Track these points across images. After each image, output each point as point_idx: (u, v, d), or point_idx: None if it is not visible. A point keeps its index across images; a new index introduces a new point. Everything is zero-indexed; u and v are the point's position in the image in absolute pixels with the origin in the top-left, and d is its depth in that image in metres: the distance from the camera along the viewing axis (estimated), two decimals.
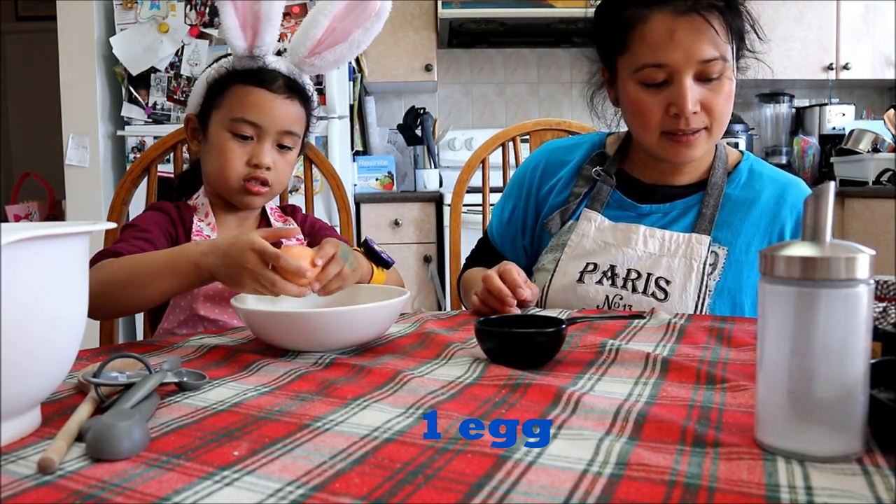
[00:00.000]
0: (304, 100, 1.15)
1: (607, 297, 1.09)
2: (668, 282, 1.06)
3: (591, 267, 1.11)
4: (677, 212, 1.12)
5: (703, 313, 1.04)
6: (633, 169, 1.18)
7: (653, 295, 1.06)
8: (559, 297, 1.12)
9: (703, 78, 1.02)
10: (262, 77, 1.10)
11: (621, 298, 1.08)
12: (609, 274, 1.09)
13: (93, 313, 0.96)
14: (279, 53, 1.16)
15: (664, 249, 1.08)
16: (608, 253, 1.10)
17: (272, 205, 1.25)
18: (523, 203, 1.26)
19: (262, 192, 1.11)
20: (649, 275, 1.07)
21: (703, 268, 1.06)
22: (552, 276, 1.13)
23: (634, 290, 1.07)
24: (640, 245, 1.09)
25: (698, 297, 1.05)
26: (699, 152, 1.07)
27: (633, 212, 1.14)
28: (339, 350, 0.80)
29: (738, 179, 1.13)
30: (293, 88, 1.12)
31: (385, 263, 1.04)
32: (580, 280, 1.10)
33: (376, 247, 1.03)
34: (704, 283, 1.05)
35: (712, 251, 1.07)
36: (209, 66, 1.16)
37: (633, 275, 1.08)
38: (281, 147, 1.12)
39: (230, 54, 1.14)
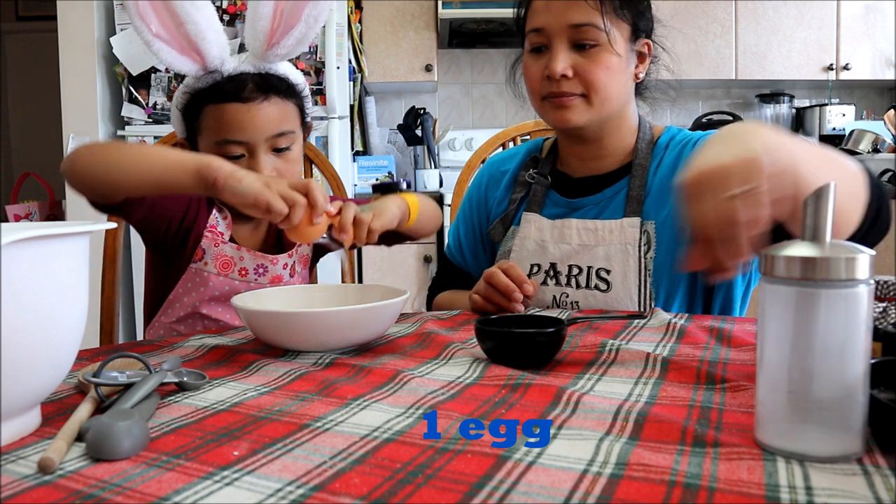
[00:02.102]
0: (284, 93, 1.08)
1: (554, 296, 1.10)
2: (608, 271, 1.07)
3: (535, 269, 1.12)
4: (607, 199, 1.13)
5: (648, 292, 1.05)
6: (564, 166, 1.20)
7: (596, 287, 1.07)
8: None
9: (578, 45, 1.04)
10: (228, 89, 1.03)
11: (567, 296, 1.09)
12: (552, 273, 1.11)
13: (76, 181, 0.92)
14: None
15: (599, 239, 1.09)
16: (547, 252, 1.12)
17: None
18: (476, 218, 1.28)
19: None
20: (589, 268, 1.08)
21: (639, 249, 1.06)
22: None
23: (578, 285, 1.09)
24: (575, 238, 1.10)
25: (639, 278, 1.05)
26: (576, 118, 1.07)
27: (566, 207, 1.15)
28: (339, 350, 0.80)
29: (658, 154, 1.13)
30: (267, 87, 1.05)
31: (404, 189, 1.02)
32: None
33: (385, 180, 1.03)
34: (643, 263, 1.06)
35: (644, 230, 1.08)
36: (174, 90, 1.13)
37: (575, 270, 1.09)
38: (278, 151, 1.06)
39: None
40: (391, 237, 1.07)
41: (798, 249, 0.46)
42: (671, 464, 0.45)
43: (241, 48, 1.12)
